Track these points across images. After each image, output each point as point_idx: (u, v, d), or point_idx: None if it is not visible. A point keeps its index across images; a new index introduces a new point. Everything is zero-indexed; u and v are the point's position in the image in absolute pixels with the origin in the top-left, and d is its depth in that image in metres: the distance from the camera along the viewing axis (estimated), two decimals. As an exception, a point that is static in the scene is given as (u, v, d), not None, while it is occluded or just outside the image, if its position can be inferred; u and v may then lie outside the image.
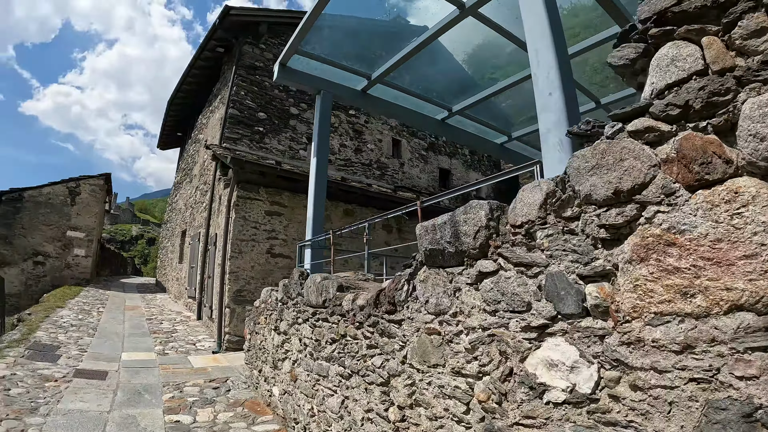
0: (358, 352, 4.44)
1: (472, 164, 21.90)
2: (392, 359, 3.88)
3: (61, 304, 13.89)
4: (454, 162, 20.91)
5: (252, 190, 10.80)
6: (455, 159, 21.01)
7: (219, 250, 11.40)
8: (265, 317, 7.27)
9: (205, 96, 19.47)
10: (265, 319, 7.24)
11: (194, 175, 18.02)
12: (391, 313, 3.91)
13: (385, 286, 4.09)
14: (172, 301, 17.77)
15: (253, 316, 8.02)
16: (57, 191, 19.84)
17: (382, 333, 4.04)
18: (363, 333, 4.36)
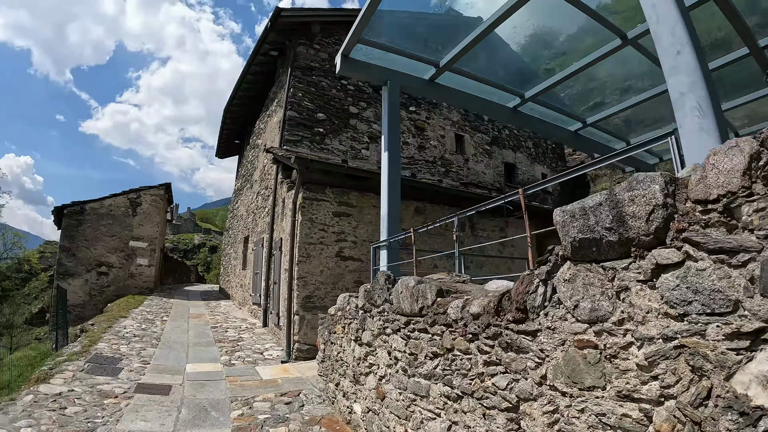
0: (471, 370, 3.68)
1: (536, 157, 20.88)
2: (523, 379, 3.12)
3: (124, 313, 13.55)
4: (519, 155, 19.93)
5: (318, 190, 10.15)
6: (519, 152, 20.03)
7: (285, 255, 10.78)
8: (342, 326, 6.54)
9: (260, 101, 19.07)
10: (343, 328, 6.51)
11: (254, 180, 17.57)
12: (521, 321, 3.15)
13: (510, 289, 3.31)
14: (236, 308, 17.33)
15: (327, 324, 7.31)
16: (118, 202, 19.75)
17: (507, 347, 3.26)
18: (478, 347, 3.58)
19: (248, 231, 17.52)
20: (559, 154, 22.63)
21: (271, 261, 12.90)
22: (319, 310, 9.67)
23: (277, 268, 11.63)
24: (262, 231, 14.71)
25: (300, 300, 9.60)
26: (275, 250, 12.12)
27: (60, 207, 19.36)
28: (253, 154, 18.78)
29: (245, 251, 18.11)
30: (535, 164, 20.68)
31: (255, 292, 14.61)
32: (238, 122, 22.66)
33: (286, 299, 10.22)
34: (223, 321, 14.17)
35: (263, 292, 13.35)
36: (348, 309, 6.32)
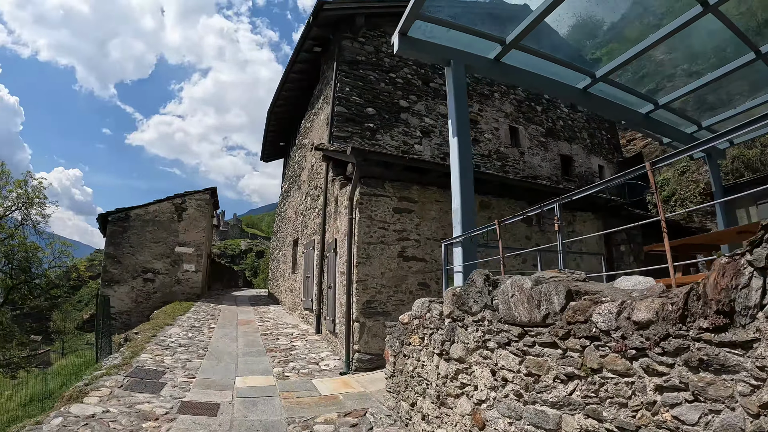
0: (632, 398, 2.66)
1: (592, 149, 19.57)
2: (728, 410, 2.13)
3: (170, 321, 12.78)
4: (575, 147, 18.66)
5: (376, 185, 9.17)
6: (575, 144, 18.76)
7: (341, 257, 9.84)
8: (420, 337, 5.51)
9: (305, 100, 18.27)
10: (421, 339, 5.48)
11: (302, 181, 16.72)
12: (722, 329, 2.15)
13: (696, 286, 2.26)
14: (286, 314, 16.48)
15: (397, 334, 6.30)
16: (163, 208, 19.16)
17: (700, 365, 2.24)
18: (647, 366, 2.55)
19: (297, 233, 16.68)
20: (615, 145, 21.33)
21: (323, 264, 11.98)
22: (381, 316, 8.69)
23: (331, 271, 10.69)
24: (312, 233, 13.82)
25: (360, 305, 8.61)
26: (328, 251, 11.18)
27: (104, 214, 18.84)
28: (300, 155, 17.94)
29: (294, 254, 17.28)
30: (592, 156, 19.40)
31: (306, 297, 13.71)
32: (283, 124, 21.93)
33: (343, 305, 9.27)
34: (273, 328, 13.30)
35: (315, 296, 12.44)
36: (429, 317, 5.29)
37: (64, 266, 28.78)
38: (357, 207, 8.95)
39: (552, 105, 18.32)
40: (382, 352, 8.56)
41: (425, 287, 9.19)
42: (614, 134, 21.59)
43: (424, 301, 5.47)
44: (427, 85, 14.97)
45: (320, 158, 13.27)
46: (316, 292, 12.45)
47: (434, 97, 14.95)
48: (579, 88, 8.57)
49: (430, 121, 14.54)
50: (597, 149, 19.81)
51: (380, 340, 8.60)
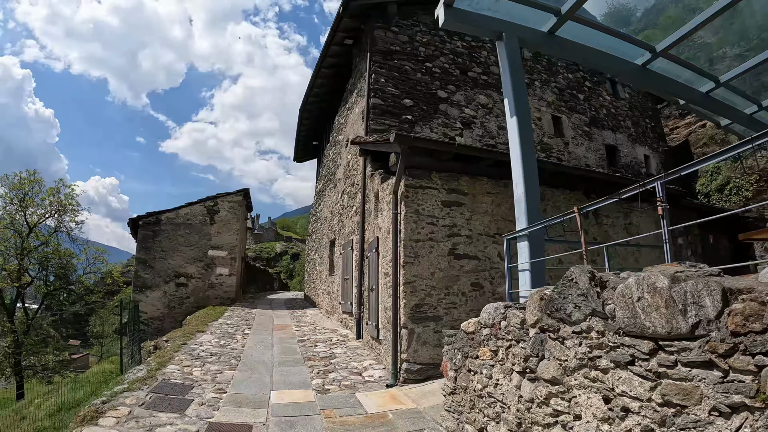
0: None
1: (637, 138, 18.37)
2: None
3: (202, 327, 12.01)
4: (619, 137, 17.50)
5: (422, 176, 8.23)
6: (619, 133, 17.59)
7: (383, 257, 8.94)
8: (492, 350, 4.56)
9: (338, 96, 17.47)
10: (494, 352, 4.53)
11: (338, 179, 15.87)
12: None
13: None
14: (323, 317, 15.62)
15: (459, 345, 5.36)
16: (195, 211, 18.49)
17: None
18: None
19: (334, 234, 15.83)
20: (659, 134, 20.11)
21: (363, 264, 11.10)
22: (431, 322, 7.76)
23: (372, 273, 9.78)
24: (350, 232, 12.96)
25: (408, 310, 7.67)
26: (369, 251, 10.29)
27: (135, 218, 18.24)
28: (335, 152, 17.09)
29: (331, 256, 16.44)
30: (637, 145, 18.22)
31: (345, 300, 12.83)
32: (316, 122, 21.21)
33: (387, 309, 8.38)
34: (310, 333, 12.44)
35: (355, 299, 11.56)
36: (505, 326, 4.33)
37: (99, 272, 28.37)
38: (402, 201, 8.03)
39: (594, 93, 17.25)
40: (432, 361, 7.64)
41: (478, 288, 8.23)
42: (658, 122, 20.42)
43: (497, 307, 4.51)
44: (465, 74, 14.07)
45: (357, 153, 12.45)
46: (356, 294, 11.57)
47: (473, 86, 14.04)
48: (637, 64, 7.73)
49: (470, 112, 13.65)
50: (642, 138, 18.64)
51: (431, 348, 7.68)
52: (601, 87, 17.69)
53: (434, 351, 7.67)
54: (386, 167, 10.34)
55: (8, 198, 25.23)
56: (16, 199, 25.25)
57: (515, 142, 6.48)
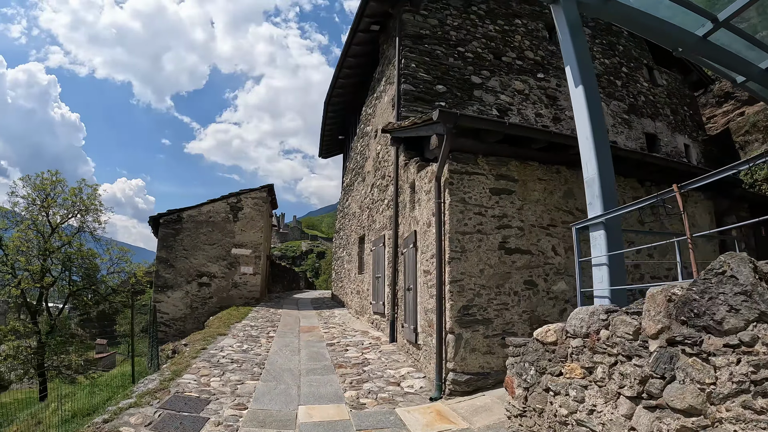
0: None
1: (676, 126, 17.13)
2: None
3: (224, 330, 11.10)
4: (658, 125, 16.29)
5: (467, 161, 7.19)
6: (659, 121, 16.38)
7: (423, 252, 7.92)
8: (586, 367, 3.53)
9: (364, 87, 16.56)
10: (588, 370, 3.49)
11: (366, 172, 14.87)
12: None
13: None
14: (353, 318, 14.62)
15: (532, 357, 4.33)
16: (217, 208, 17.61)
17: None
18: None
19: (363, 229, 14.86)
20: (698, 122, 18.85)
21: (397, 262, 10.10)
22: (480, 325, 6.71)
23: (409, 270, 8.76)
24: (381, 227, 11.97)
25: (455, 312, 6.63)
26: (404, 247, 9.28)
27: (155, 216, 17.39)
28: (362, 144, 16.10)
29: (361, 253, 15.46)
30: (677, 134, 17.00)
31: (376, 300, 11.83)
32: (341, 115, 20.24)
33: (428, 311, 7.37)
34: (340, 335, 11.46)
35: (388, 300, 10.58)
36: (607, 336, 3.29)
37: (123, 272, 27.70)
38: (446, 188, 6.98)
39: (631, 79, 16.09)
40: (482, 371, 6.61)
41: (532, 286, 7.16)
42: (696, 110, 19.17)
43: (594, 311, 3.46)
44: (499, 59, 13.03)
45: (387, 144, 11.52)
46: (389, 294, 10.59)
47: (508, 72, 13.00)
48: (698, 35, 6.70)
49: (506, 98, 12.60)
50: (681, 127, 17.43)
51: (480, 356, 6.64)
52: (638, 73, 16.55)
53: (484, 359, 6.65)
54: (421, 155, 9.35)
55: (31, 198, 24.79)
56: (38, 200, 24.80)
57: (583, 114, 5.48)
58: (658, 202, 4.29)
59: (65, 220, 25.53)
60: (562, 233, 7.56)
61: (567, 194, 7.77)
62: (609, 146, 5.49)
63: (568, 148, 7.46)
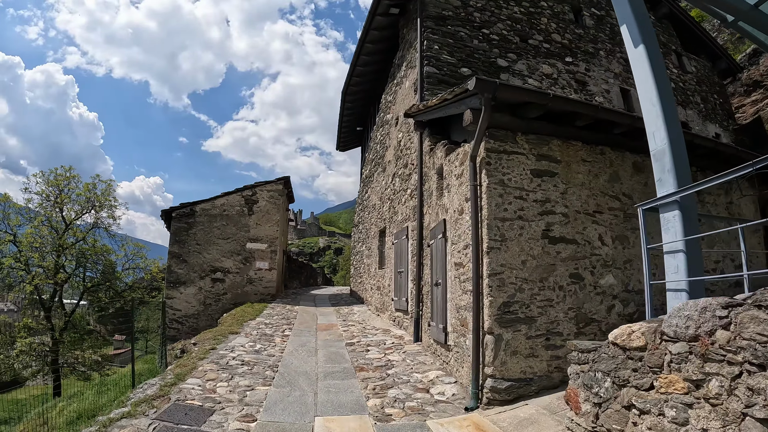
0: None
1: (707, 114, 16.16)
2: None
3: (236, 328, 10.33)
4: (689, 113, 15.32)
5: (505, 139, 6.33)
6: (689, 109, 15.41)
7: (455, 243, 7.07)
8: (692, 378, 2.68)
9: (383, 76, 15.80)
10: (694, 383, 2.65)
11: (387, 162, 14.04)
12: None
13: None
14: (373, 315, 13.81)
15: (607, 366, 3.48)
16: (232, 201, 16.88)
17: None
18: None
19: (384, 222, 14.00)
20: (728, 111, 17.85)
21: (422, 255, 9.29)
22: (523, 324, 5.86)
23: (437, 264, 7.93)
24: (404, 219, 11.14)
25: (494, 310, 5.78)
26: (431, 239, 8.44)
27: (168, 210, 16.68)
28: (382, 133, 15.25)
29: (381, 247, 14.60)
30: (707, 123, 16.03)
31: (398, 296, 11.00)
32: (359, 105, 19.35)
33: (461, 308, 6.55)
34: (359, 334, 10.66)
35: (411, 296, 9.76)
36: (727, 338, 2.44)
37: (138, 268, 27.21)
38: (483, 169, 6.12)
39: (661, 65, 15.16)
40: (524, 376, 5.76)
41: (578, 280, 6.28)
42: (726, 99, 18.15)
43: (708, 306, 2.60)
44: (526, 42, 12.29)
45: (410, 130, 10.82)
46: (412, 290, 9.77)
47: (535, 55, 12.22)
48: (748, 2, 6.06)
49: (533, 82, 11.84)
50: (711, 115, 16.45)
51: (522, 360, 5.78)
52: (667, 59, 15.61)
53: (526, 363, 5.79)
54: (449, 139, 8.53)
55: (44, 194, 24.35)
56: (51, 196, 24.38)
57: (646, 77, 4.68)
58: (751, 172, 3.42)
59: (79, 216, 25.14)
60: (609, 221, 6.68)
61: (612, 178, 6.89)
62: (677, 112, 4.65)
63: (614, 127, 6.67)
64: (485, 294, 5.81)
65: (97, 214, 25.49)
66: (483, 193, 6.05)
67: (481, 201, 6.06)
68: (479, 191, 6.13)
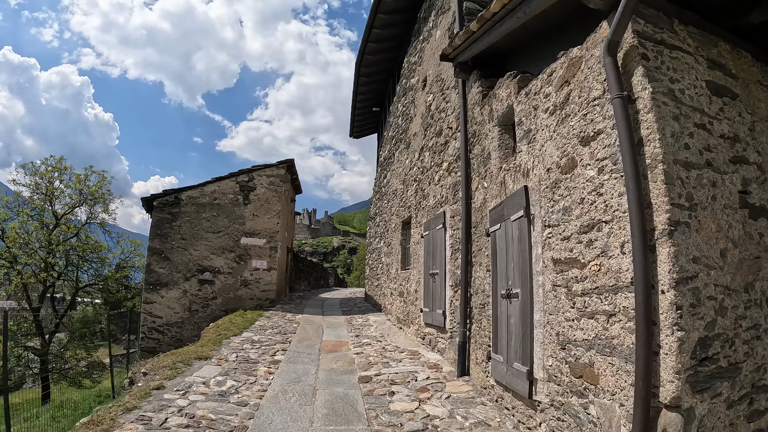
0: None
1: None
2: None
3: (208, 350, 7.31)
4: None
5: (660, 23, 3.23)
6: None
7: (553, 225, 3.83)
8: None
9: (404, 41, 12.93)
10: None
11: (412, 135, 10.88)
12: None
13: None
14: (393, 327, 10.64)
15: None
16: (224, 188, 13.92)
17: None
18: None
19: (409, 210, 10.74)
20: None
21: (470, 249, 6.22)
22: (725, 380, 2.75)
23: (509, 261, 4.75)
24: (439, 202, 8.10)
25: (685, 357, 2.60)
26: (493, 223, 5.28)
27: (149, 198, 13.63)
28: (405, 103, 12.10)
29: (405, 242, 11.34)
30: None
31: (430, 307, 7.90)
32: (376, 79, 16.05)
33: (578, 343, 3.42)
34: (378, 359, 7.52)
35: (452, 308, 6.73)
36: None
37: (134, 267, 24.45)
38: (638, 67, 3.00)
39: None
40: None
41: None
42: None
43: None
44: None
45: (443, 88, 8.18)
46: (453, 299, 6.73)
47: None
48: None
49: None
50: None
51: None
52: None
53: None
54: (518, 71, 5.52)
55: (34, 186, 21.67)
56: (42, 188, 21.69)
57: None
58: None
59: (71, 210, 22.40)
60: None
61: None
62: None
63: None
64: (666, 324, 2.69)
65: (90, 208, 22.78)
66: (644, 112, 2.95)
67: (640, 128, 2.97)
68: (629, 111, 3.02)
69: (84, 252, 22.21)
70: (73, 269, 23.05)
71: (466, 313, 6.21)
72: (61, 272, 22.20)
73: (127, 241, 23.92)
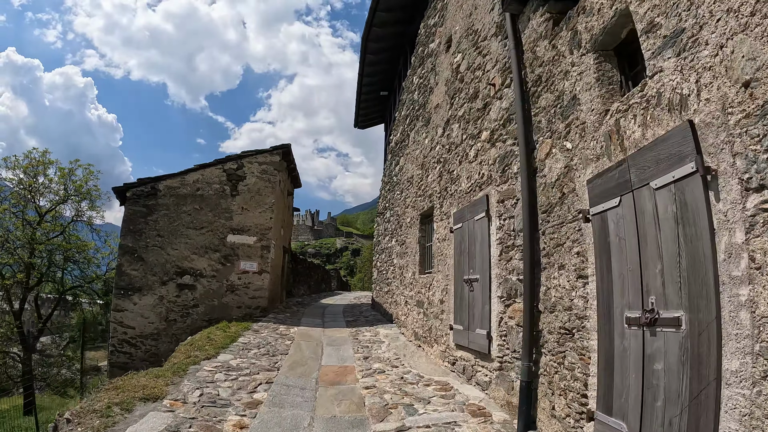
0: None
1: None
2: None
3: (162, 384, 5.21)
4: None
5: None
6: None
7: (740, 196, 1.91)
8: None
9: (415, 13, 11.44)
10: None
11: (433, 107, 8.77)
12: None
13: None
14: (410, 346, 8.53)
15: None
16: (209, 177, 11.88)
17: None
18: None
19: (430, 200, 8.55)
20: None
21: (536, 247, 4.22)
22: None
23: (646, 257, 2.74)
24: (479, 183, 6.01)
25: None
26: (599, 200, 3.27)
27: (122, 188, 11.54)
28: (422, 74, 9.96)
29: (424, 239, 9.19)
30: None
31: (467, 324, 5.84)
32: (385, 57, 14.12)
33: None
34: (397, 397, 5.45)
35: (505, 329, 4.72)
36: None
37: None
38: None
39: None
40: None
41: None
42: None
43: None
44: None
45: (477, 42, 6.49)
46: (506, 317, 4.73)
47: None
48: None
49: None
50: None
51: None
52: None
53: None
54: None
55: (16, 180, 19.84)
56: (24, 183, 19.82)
57: None
58: None
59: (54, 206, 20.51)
60: None
61: None
62: None
63: None
64: None
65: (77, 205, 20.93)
66: None
67: None
68: None
69: (68, 252, 20.43)
70: (57, 270, 21.34)
71: (532, 337, 4.18)
72: (43, 273, 20.41)
73: (116, 240, 22.15)
